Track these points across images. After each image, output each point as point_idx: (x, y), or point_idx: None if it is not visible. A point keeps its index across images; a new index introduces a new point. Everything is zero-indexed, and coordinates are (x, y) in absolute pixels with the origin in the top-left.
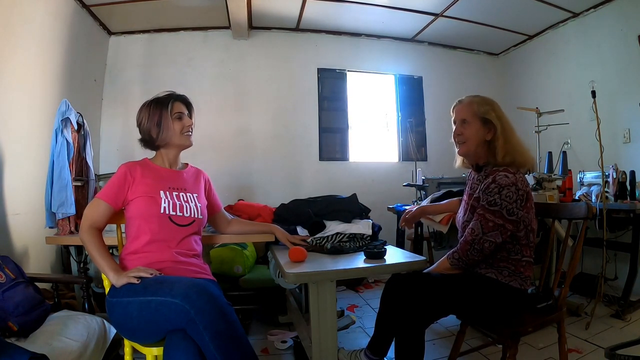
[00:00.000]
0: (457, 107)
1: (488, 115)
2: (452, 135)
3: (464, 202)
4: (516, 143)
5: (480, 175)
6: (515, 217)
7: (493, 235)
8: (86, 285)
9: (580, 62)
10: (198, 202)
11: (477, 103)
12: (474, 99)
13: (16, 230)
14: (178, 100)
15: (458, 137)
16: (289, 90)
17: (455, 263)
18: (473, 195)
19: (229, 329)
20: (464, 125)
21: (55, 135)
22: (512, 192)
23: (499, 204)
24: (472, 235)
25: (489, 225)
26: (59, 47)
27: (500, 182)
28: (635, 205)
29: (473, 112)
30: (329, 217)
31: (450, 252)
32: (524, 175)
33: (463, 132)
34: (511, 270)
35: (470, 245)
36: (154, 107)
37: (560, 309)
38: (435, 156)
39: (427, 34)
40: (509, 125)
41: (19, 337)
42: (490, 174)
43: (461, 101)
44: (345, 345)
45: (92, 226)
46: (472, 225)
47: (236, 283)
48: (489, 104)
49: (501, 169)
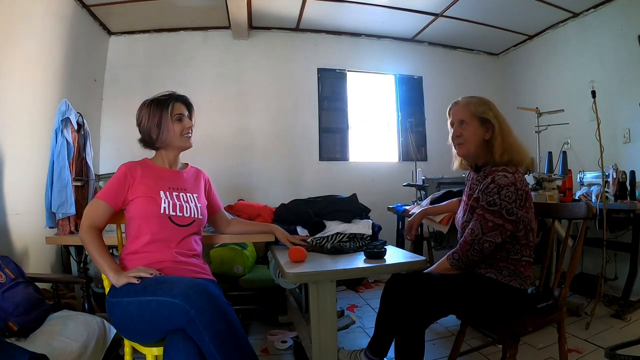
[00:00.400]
0: (454, 108)
1: (486, 114)
2: (451, 138)
3: (463, 203)
4: (513, 141)
5: (479, 175)
6: (515, 217)
7: (493, 235)
8: (86, 285)
9: (580, 62)
10: (198, 202)
11: (474, 103)
12: (470, 99)
13: (16, 230)
14: (178, 101)
15: (457, 138)
16: (289, 90)
17: (455, 263)
18: (472, 195)
19: (229, 329)
20: (462, 126)
21: (55, 135)
22: (512, 192)
23: (498, 204)
24: (471, 235)
25: (489, 225)
26: (59, 47)
27: (500, 182)
28: (635, 205)
29: (470, 112)
30: (329, 217)
31: (449, 252)
32: (523, 175)
33: (462, 133)
34: (511, 270)
35: (470, 245)
36: (154, 107)
37: (560, 309)
38: (435, 156)
39: (427, 34)
40: (506, 124)
41: (19, 337)
42: (489, 174)
43: (457, 102)
44: (345, 345)
45: (92, 226)
46: (472, 226)
47: (236, 283)
48: (486, 104)
49: (500, 169)
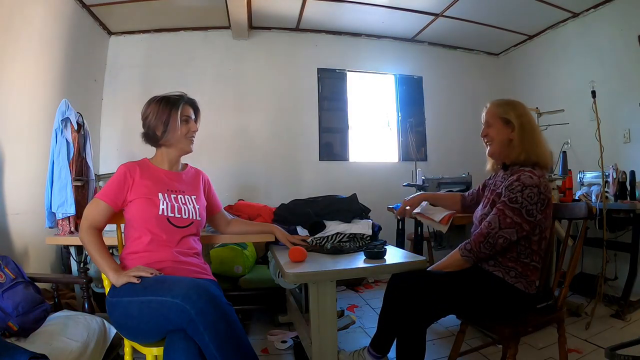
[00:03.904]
0: (485, 111)
1: (507, 115)
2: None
3: (485, 198)
4: (532, 142)
5: (506, 173)
6: (534, 219)
7: (509, 232)
8: (86, 285)
9: (580, 62)
10: (196, 204)
11: (498, 104)
12: (497, 101)
13: (16, 230)
14: (188, 103)
15: (485, 138)
16: (289, 90)
17: (465, 254)
18: (495, 191)
19: (229, 329)
20: (488, 127)
21: (55, 135)
22: (534, 194)
23: (519, 202)
24: (488, 228)
25: (507, 221)
26: (59, 47)
27: (525, 181)
28: (635, 205)
29: (493, 113)
30: (329, 217)
31: (462, 243)
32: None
33: (488, 133)
34: (518, 272)
35: (485, 237)
36: (164, 105)
37: (560, 309)
38: (435, 156)
39: (427, 34)
40: (530, 125)
41: (19, 337)
42: (515, 172)
43: (487, 105)
44: (345, 345)
45: (92, 226)
46: (490, 219)
47: (236, 283)
48: (509, 105)
49: (527, 169)
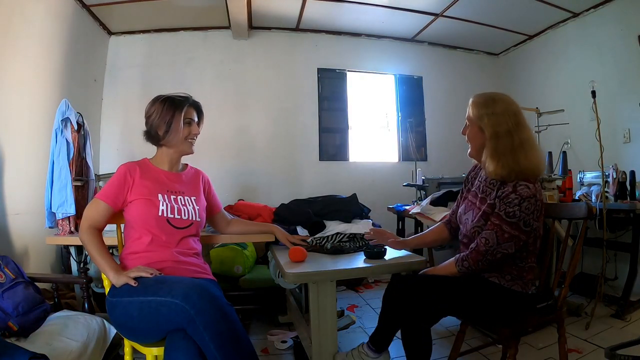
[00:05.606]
0: (469, 104)
1: (481, 121)
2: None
3: (468, 202)
4: (511, 152)
5: (493, 179)
6: (530, 229)
7: (507, 246)
8: (86, 285)
9: (580, 62)
10: (196, 204)
11: (476, 104)
12: (477, 98)
13: (16, 230)
14: (192, 106)
15: (465, 136)
16: (289, 90)
17: (463, 271)
18: (486, 200)
19: (229, 329)
20: (466, 126)
21: (55, 135)
22: (532, 204)
23: (517, 216)
24: (486, 246)
25: (505, 236)
26: (59, 47)
27: (522, 193)
28: (635, 205)
29: (470, 114)
30: (329, 217)
31: (459, 257)
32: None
33: (466, 133)
34: (514, 275)
35: (483, 255)
36: (168, 105)
37: (560, 309)
38: (435, 156)
39: (427, 34)
40: (507, 134)
41: (19, 337)
42: (510, 181)
43: (471, 98)
44: (345, 345)
45: (92, 226)
46: (486, 236)
47: (236, 283)
48: (487, 106)
49: (521, 179)
